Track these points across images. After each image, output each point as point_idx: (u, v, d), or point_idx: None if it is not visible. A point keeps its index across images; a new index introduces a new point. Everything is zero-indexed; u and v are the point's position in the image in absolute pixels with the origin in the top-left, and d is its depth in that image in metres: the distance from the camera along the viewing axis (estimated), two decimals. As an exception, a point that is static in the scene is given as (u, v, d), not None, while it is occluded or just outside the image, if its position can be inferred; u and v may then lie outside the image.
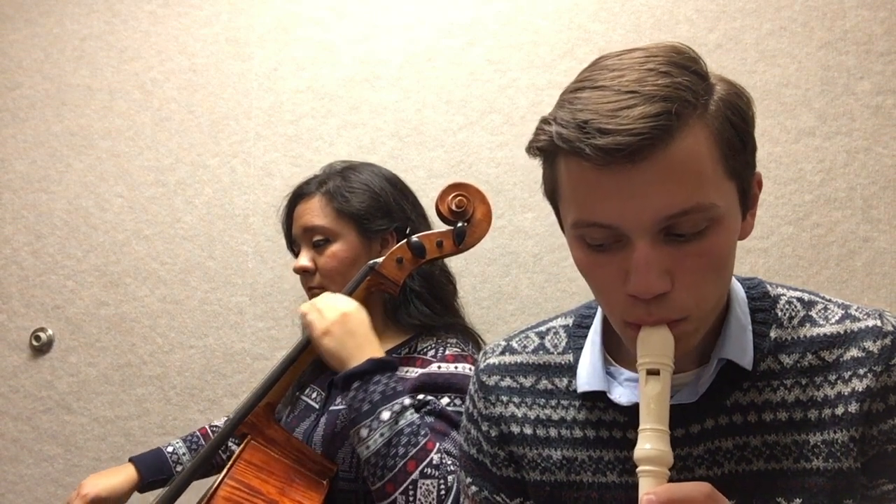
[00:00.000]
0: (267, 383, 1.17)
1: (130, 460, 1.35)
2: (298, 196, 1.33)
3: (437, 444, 1.07)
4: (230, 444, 1.42)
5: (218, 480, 1.06)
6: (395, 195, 1.32)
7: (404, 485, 1.02)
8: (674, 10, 1.68)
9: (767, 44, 1.63)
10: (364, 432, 1.06)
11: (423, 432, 1.06)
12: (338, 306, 1.13)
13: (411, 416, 1.07)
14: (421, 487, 1.03)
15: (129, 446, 1.81)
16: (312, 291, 1.29)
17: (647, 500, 0.59)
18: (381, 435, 1.05)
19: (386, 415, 1.06)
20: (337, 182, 1.30)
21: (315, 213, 1.28)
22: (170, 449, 1.38)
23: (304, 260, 1.28)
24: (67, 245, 1.91)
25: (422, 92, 1.78)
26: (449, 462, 1.06)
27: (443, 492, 1.03)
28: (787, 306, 0.78)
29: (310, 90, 1.84)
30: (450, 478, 1.04)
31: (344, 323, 1.12)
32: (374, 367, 1.09)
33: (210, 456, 1.17)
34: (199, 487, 1.21)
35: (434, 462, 1.04)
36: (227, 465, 1.08)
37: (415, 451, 1.04)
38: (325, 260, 1.26)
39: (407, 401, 1.09)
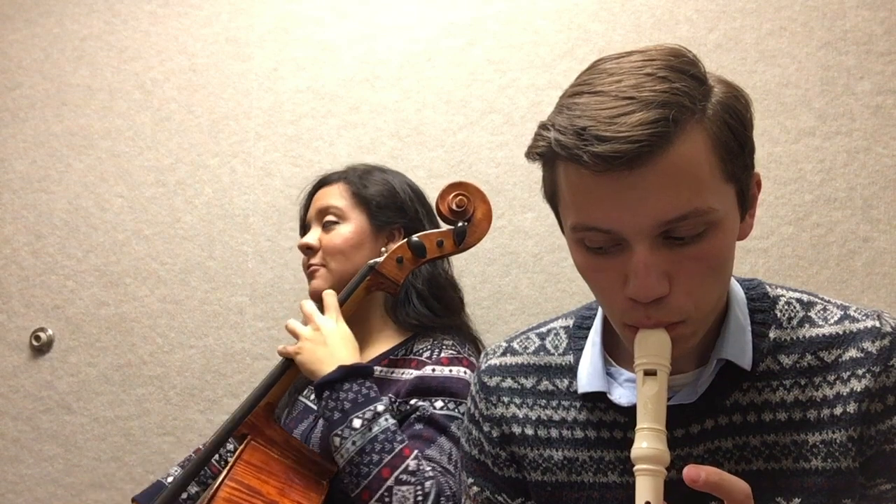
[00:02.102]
0: (266, 384, 1.17)
1: (133, 500, 1.33)
2: (321, 183, 1.37)
3: (415, 451, 1.06)
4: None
5: (218, 481, 1.06)
6: (412, 197, 1.35)
7: (379, 492, 1.02)
8: (674, 10, 1.68)
9: (767, 44, 1.63)
10: (337, 441, 1.06)
11: (398, 438, 1.06)
12: (313, 322, 1.16)
13: (385, 422, 1.07)
14: (396, 494, 1.02)
15: (129, 446, 1.82)
16: (311, 268, 1.31)
17: (695, 473, 0.59)
18: (353, 443, 1.05)
19: (357, 422, 1.06)
20: (359, 171, 1.35)
21: (333, 196, 1.32)
22: (170, 479, 1.36)
23: (311, 237, 1.31)
24: (67, 245, 1.91)
25: (422, 92, 1.78)
26: (428, 468, 1.05)
27: (419, 497, 1.02)
28: (786, 307, 0.78)
29: (310, 90, 1.84)
30: (427, 483, 1.03)
31: (314, 337, 1.14)
32: (343, 375, 1.09)
33: (209, 456, 1.16)
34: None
35: (410, 468, 1.03)
36: (228, 466, 1.08)
37: (389, 457, 1.04)
38: (329, 237, 1.29)
39: (380, 407, 1.08)
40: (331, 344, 1.13)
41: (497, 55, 1.75)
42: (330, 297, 1.18)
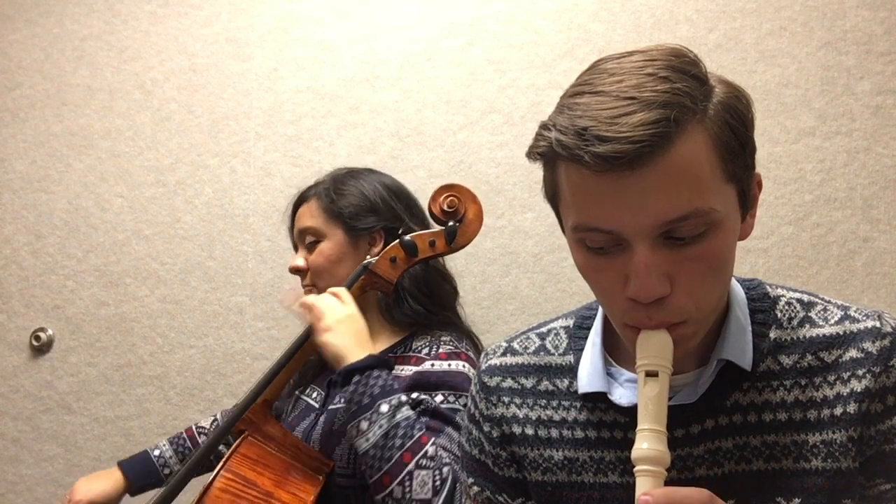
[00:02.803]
0: (264, 381, 1.20)
1: (118, 465, 1.38)
2: (299, 200, 1.38)
3: (432, 438, 1.09)
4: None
5: (214, 473, 1.07)
6: (387, 197, 1.35)
7: (400, 476, 1.05)
8: (674, 10, 1.68)
9: (767, 44, 1.63)
10: (364, 424, 1.08)
11: (417, 426, 1.09)
12: (343, 308, 1.18)
13: (407, 410, 1.10)
14: (416, 478, 1.05)
15: (129, 446, 1.82)
16: (305, 289, 1.34)
17: (643, 501, 0.59)
18: (380, 427, 1.07)
19: (384, 407, 1.09)
20: (328, 184, 1.35)
21: (307, 215, 1.34)
22: (156, 452, 1.41)
23: (298, 260, 1.33)
24: (67, 245, 1.91)
25: (422, 92, 1.78)
26: (444, 455, 1.08)
27: (437, 482, 1.04)
28: (786, 307, 0.78)
29: (310, 90, 1.84)
30: (444, 469, 1.05)
31: (347, 323, 1.16)
32: (374, 363, 1.13)
33: (208, 453, 1.18)
34: (193, 486, 1.21)
35: (429, 454, 1.06)
36: (224, 459, 1.10)
37: (410, 443, 1.06)
38: (313, 258, 1.31)
39: (403, 397, 1.11)
40: (361, 334, 1.17)
41: (497, 55, 1.76)
42: (345, 293, 1.21)
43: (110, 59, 1.94)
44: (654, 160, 0.61)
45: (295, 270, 1.34)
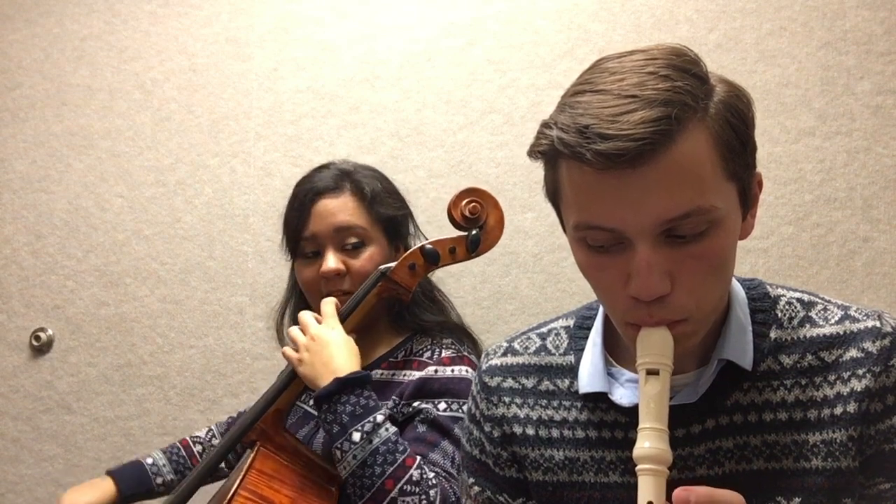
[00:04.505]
0: (276, 389, 1.14)
1: (108, 474, 1.31)
2: (322, 191, 1.24)
3: (418, 460, 1.05)
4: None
5: (231, 491, 1.03)
6: (406, 203, 1.32)
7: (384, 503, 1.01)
8: (674, 10, 1.68)
9: (767, 44, 1.63)
10: (338, 454, 1.05)
11: (400, 448, 1.04)
12: (311, 330, 1.12)
13: (385, 432, 1.05)
14: None
15: (130, 446, 1.81)
16: (342, 294, 1.22)
17: (684, 496, 0.59)
18: (354, 457, 1.03)
19: (356, 436, 1.04)
20: (374, 186, 1.25)
21: (350, 212, 1.22)
22: (149, 461, 1.34)
23: (336, 262, 1.21)
24: (67, 245, 1.91)
25: (422, 92, 1.78)
26: (431, 476, 1.04)
27: None
28: (786, 307, 0.78)
29: (310, 90, 1.84)
30: (431, 492, 1.02)
31: (311, 347, 1.11)
32: (339, 388, 1.06)
33: (217, 462, 1.15)
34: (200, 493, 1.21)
35: (413, 479, 1.02)
36: (240, 475, 1.06)
37: (392, 469, 1.02)
38: (361, 264, 1.21)
39: (380, 417, 1.06)
40: (327, 354, 1.09)
41: (497, 55, 1.76)
42: (328, 304, 1.15)
43: (110, 59, 1.94)
44: (655, 158, 0.62)
45: (333, 274, 1.20)
